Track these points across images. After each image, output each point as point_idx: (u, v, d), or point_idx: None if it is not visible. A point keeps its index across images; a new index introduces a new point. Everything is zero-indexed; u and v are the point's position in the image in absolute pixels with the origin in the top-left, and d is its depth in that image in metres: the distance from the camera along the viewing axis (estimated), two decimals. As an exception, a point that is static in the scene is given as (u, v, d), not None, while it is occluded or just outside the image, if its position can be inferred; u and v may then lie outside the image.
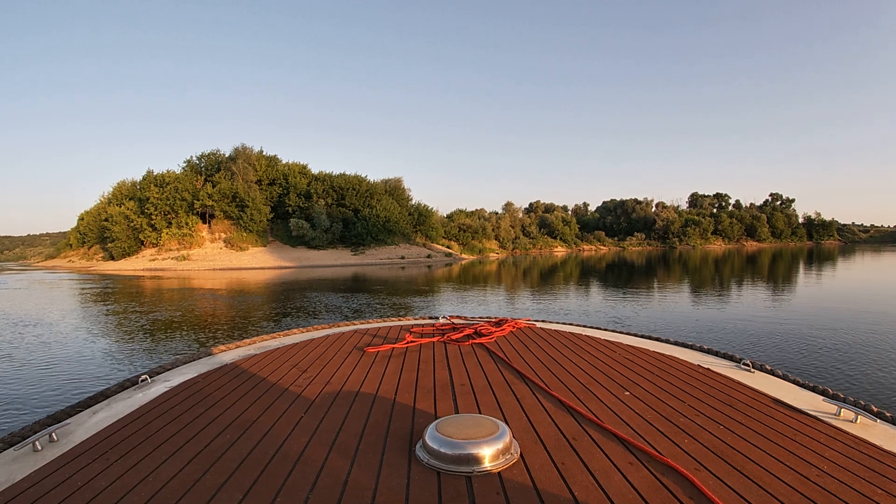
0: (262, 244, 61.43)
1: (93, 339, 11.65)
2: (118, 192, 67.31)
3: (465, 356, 3.33)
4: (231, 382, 2.88)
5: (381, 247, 61.59)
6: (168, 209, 60.39)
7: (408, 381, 2.78)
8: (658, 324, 12.02)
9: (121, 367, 8.77)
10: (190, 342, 10.97)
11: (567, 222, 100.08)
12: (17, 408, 6.69)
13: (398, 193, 69.81)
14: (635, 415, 2.22)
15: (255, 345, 4.04)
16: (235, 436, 2.10)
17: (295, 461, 1.84)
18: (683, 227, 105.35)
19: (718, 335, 10.32)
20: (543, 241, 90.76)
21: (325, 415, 2.31)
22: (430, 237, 69.59)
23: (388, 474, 1.71)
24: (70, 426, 2.38)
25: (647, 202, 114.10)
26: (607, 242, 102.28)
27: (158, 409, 2.47)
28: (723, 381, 2.73)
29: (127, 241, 62.06)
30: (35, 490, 1.72)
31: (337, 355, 3.44)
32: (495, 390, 2.60)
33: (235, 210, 61.33)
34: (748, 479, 1.66)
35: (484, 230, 79.77)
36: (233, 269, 49.57)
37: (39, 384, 7.78)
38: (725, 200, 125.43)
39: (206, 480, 1.72)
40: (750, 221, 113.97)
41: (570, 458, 1.80)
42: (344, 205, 64.64)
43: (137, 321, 14.37)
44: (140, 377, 3.06)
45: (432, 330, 4.20)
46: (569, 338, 3.88)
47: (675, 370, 2.94)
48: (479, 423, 1.88)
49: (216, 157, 66.88)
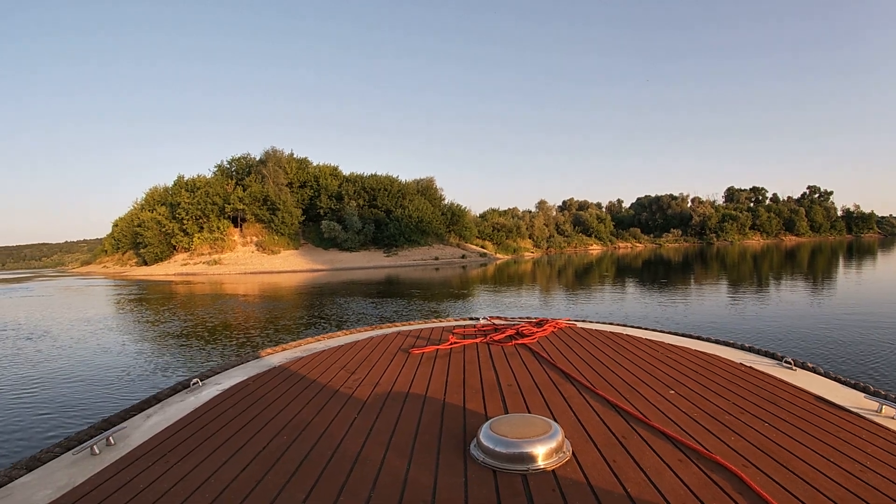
0: (294, 247, 60.01)
1: (123, 344, 11.55)
2: (150, 197, 67.19)
3: (510, 357, 3.31)
4: (281, 385, 2.88)
5: (413, 248, 59.38)
6: (199, 213, 59.66)
7: (455, 381, 2.78)
8: (698, 322, 11.82)
9: (156, 372, 8.61)
10: (228, 346, 10.83)
11: (602, 219, 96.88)
12: (59, 413, 6.60)
13: (430, 193, 67.43)
14: (681, 413, 2.20)
15: (301, 347, 4.06)
16: (292, 437, 2.10)
17: (353, 461, 1.84)
18: (721, 223, 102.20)
19: (759, 333, 10.12)
20: (578, 240, 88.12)
21: (377, 415, 2.30)
22: (463, 237, 66.94)
23: (445, 473, 1.71)
24: (126, 430, 2.39)
25: (682, 197, 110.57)
26: (643, 239, 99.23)
27: (212, 412, 2.47)
28: (765, 379, 2.71)
29: (159, 246, 62.04)
30: (98, 493, 1.72)
31: (382, 357, 3.43)
32: (542, 390, 2.58)
33: (266, 213, 60.08)
34: (794, 474, 1.66)
35: (518, 229, 76.94)
36: (264, 272, 49.02)
37: (84, 390, 7.70)
38: (762, 194, 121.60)
39: (267, 481, 1.72)
40: (788, 215, 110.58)
41: (620, 456, 1.80)
42: (376, 206, 62.57)
43: (167, 327, 14.03)
44: (191, 381, 3.05)
45: (474, 331, 4.18)
46: (610, 337, 3.86)
47: (719, 368, 2.93)
48: (531, 423, 1.88)
49: (247, 161, 65.90)
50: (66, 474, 1.94)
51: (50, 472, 2.00)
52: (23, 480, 1.96)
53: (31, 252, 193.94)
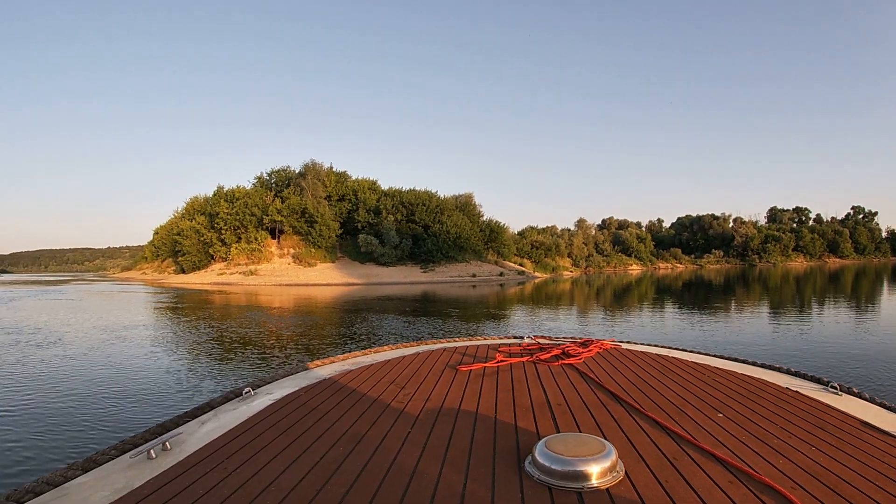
0: (331, 260, 58.99)
1: (151, 353, 11.47)
2: (191, 207, 67.18)
3: (557, 376, 3.29)
4: (333, 397, 2.90)
5: (451, 264, 57.63)
6: (237, 224, 59.17)
7: (505, 399, 2.78)
8: (742, 345, 11.68)
9: (185, 382, 8.51)
10: (263, 359, 10.75)
11: (642, 239, 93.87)
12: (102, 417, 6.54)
13: (469, 209, 65.43)
14: (730, 435, 2.21)
15: (349, 360, 4.07)
16: (348, 448, 2.11)
17: (410, 475, 1.84)
18: (763, 244, 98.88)
19: (804, 357, 10.03)
20: (617, 259, 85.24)
21: (431, 430, 2.30)
22: (501, 254, 64.78)
23: (502, 488, 1.71)
24: (182, 435, 2.38)
25: (724, 217, 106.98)
26: (684, 260, 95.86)
27: (267, 421, 2.49)
28: (811, 404, 2.72)
29: (197, 255, 61.89)
30: (157, 496, 1.73)
31: (431, 373, 3.43)
32: (591, 410, 2.58)
33: (304, 226, 59.29)
34: (842, 497, 1.66)
35: (557, 247, 74.56)
36: (299, 284, 48.16)
37: (130, 396, 7.61)
38: (805, 214, 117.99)
39: (327, 491, 1.72)
40: (832, 237, 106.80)
41: (672, 477, 1.80)
42: (413, 220, 61.07)
43: (198, 336, 13.95)
44: (244, 389, 3.09)
45: (520, 350, 4.15)
46: (655, 359, 3.82)
47: (765, 392, 2.93)
48: (584, 442, 1.89)
49: (286, 174, 65.48)
50: (123, 477, 1.94)
51: (106, 474, 2.00)
52: (79, 481, 1.95)
53: (74, 256, 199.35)
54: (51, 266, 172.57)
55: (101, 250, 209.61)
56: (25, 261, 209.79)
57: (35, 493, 1.86)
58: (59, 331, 14.89)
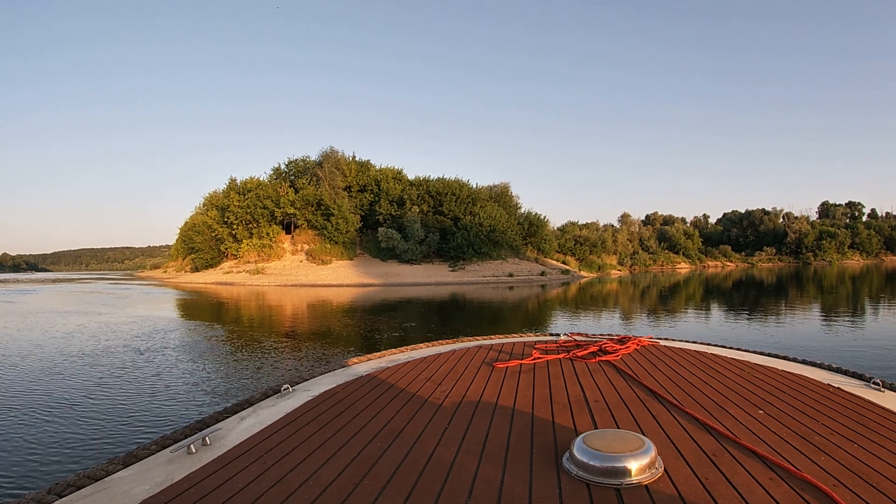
0: (349, 257, 49.67)
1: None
2: (209, 202, 58.77)
3: (594, 373, 3.14)
4: (371, 393, 2.81)
5: (484, 261, 47.50)
6: (249, 218, 50.43)
7: (542, 396, 2.68)
8: (785, 341, 10.82)
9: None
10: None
11: (690, 235, 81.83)
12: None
13: (505, 201, 55.02)
14: (770, 432, 2.12)
15: (385, 358, 3.93)
16: (386, 444, 2.06)
17: (448, 469, 1.79)
18: (818, 241, 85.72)
19: (846, 353, 9.17)
20: (664, 257, 73.75)
21: (468, 426, 2.24)
22: (542, 250, 53.85)
23: (539, 484, 1.66)
24: (221, 431, 2.33)
25: (775, 213, 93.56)
26: (734, 258, 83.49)
27: (305, 417, 2.43)
28: (853, 400, 2.57)
29: (209, 251, 53.90)
30: (197, 490, 1.69)
31: (467, 370, 3.30)
32: (630, 407, 2.47)
33: (320, 219, 50.25)
34: (885, 495, 1.59)
35: (603, 243, 63.53)
36: (309, 285, 39.25)
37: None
38: (859, 210, 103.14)
39: (365, 485, 1.68)
40: (889, 233, 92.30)
41: (712, 474, 1.73)
42: (441, 212, 51.09)
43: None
44: (282, 386, 3.01)
45: (556, 347, 3.93)
46: (694, 356, 3.62)
47: (806, 389, 2.79)
48: (623, 438, 1.82)
49: (304, 163, 56.59)
50: (163, 471, 1.90)
51: (147, 469, 1.96)
52: (120, 475, 1.92)
53: (115, 255, 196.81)
54: (91, 264, 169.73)
55: (142, 249, 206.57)
56: (67, 259, 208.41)
57: (76, 486, 1.81)
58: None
